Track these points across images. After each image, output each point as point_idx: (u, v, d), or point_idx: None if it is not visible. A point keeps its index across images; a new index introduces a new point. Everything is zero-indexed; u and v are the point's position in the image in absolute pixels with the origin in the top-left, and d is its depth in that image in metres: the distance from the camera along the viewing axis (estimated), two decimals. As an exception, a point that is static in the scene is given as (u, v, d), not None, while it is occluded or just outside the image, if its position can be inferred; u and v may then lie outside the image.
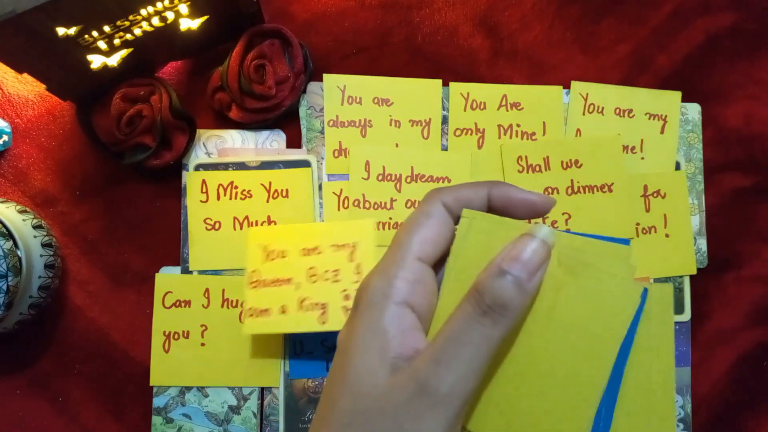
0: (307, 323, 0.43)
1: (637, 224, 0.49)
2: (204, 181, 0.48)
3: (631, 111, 0.50)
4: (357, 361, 0.24)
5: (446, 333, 0.24)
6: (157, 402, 0.46)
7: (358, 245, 0.44)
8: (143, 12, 0.40)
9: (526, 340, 0.26)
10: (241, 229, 0.47)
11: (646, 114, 0.50)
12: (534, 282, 0.24)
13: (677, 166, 0.50)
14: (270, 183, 0.48)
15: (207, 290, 0.47)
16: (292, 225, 0.46)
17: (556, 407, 0.25)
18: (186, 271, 0.47)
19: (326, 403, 0.25)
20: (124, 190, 0.48)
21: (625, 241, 0.26)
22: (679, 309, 0.48)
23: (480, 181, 0.28)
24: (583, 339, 0.25)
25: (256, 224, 0.48)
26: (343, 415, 0.24)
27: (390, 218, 0.48)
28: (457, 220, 0.27)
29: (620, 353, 0.26)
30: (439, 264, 0.27)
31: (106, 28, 0.40)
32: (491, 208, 0.28)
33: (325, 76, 0.49)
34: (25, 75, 0.41)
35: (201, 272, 0.47)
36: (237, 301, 0.47)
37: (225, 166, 0.48)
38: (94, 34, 0.39)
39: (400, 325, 0.25)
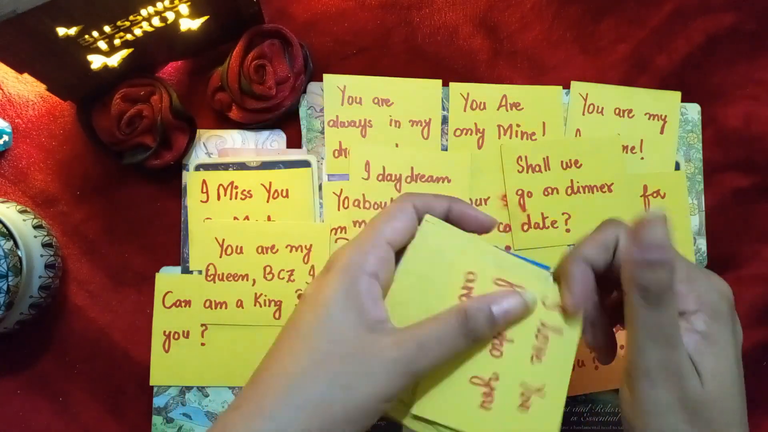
0: (263, 318, 0.47)
1: (637, 224, 0.49)
2: (204, 181, 0.48)
3: (630, 111, 0.50)
4: (336, 313, 0.29)
5: (433, 331, 0.30)
6: (157, 402, 0.46)
7: (313, 248, 0.46)
8: (143, 12, 0.40)
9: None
10: (241, 229, 0.48)
11: (645, 114, 0.50)
12: (501, 326, 0.31)
13: (677, 166, 0.50)
14: (270, 183, 0.48)
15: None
16: (249, 222, 0.47)
17: None
18: (186, 271, 0.47)
19: (294, 339, 0.30)
20: (124, 190, 0.48)
21: (546, 267, 0.33)
22: (679, 309, 0.48)
23: (444, 195, 0.34)
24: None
25: (256, 224, 0.48)
26: (317, 353, 0.29)
27: (390, 218, 0.48)
28: (420, 221, 0.33)
29: None
30: (399, 252, 0.33)
31: (107, 29, 0.40)
32: (449, 219, 0.33)
33: (325, 76, 0.49)
34: (26, 75, 0.41)
35: (201, 272, 0.47)
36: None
37: (225, 167, 0.48)
38: (95, 34, 0.40)
39: (371, 293, 0.30)
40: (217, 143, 0.49)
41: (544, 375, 0.31)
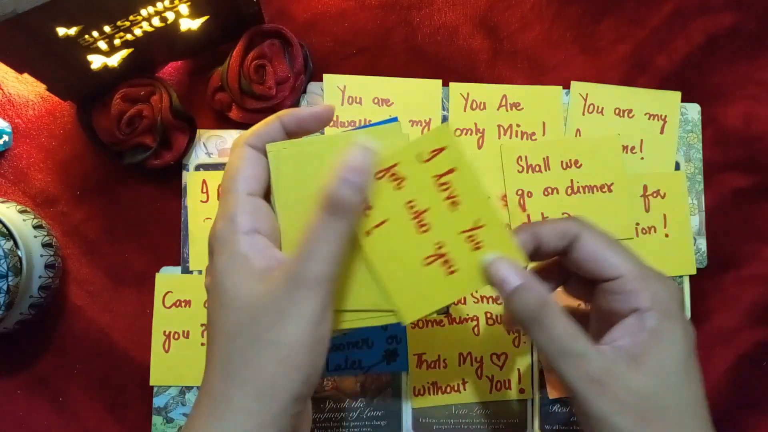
0: None
1: (637, 224, 0.49)
2: (204, 181, 0.48)
3: (630, 111, 0.50)
4: (229, 286, 0.29)
5: (308, 235, 0.29)
6: (158, 402, 0.46)
7: None
8: (143, 12, 0.40)
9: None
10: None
11: (645, 114, 0.50)
12: (363, 181, 0.30)
13: (677, 166, 0.50)
14: (270, 183, 0.48)
15: (207, 290, 0.47)
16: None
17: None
18: (186, 271, 0.47)
19: (210, 332, 0.30)
20: (124, 191, 0.48)
21: (393, 119, 0.33)
22: (679, 309, 0.48)
23: (273, 116, 0.32)
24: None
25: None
26: (230, 330, 0.29)
27: (390, 218, 0.48)
28: (266, 155, 0.32)
29: None
30: (268, 194, 0.32)
31: (107, 29, 0.40)
32: (289, 134, 0.32)
33: (325, 76, 0.49)
34: (26, 75, 0.41)
35: (201, 272, 0.47)
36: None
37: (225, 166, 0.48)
38: (95, 34, 0.39)
39: (255, 248, 0.29)
40: (217, 143, 0.49)
41: (471, 211, 0.32)
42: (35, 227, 0.45)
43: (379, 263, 0.33)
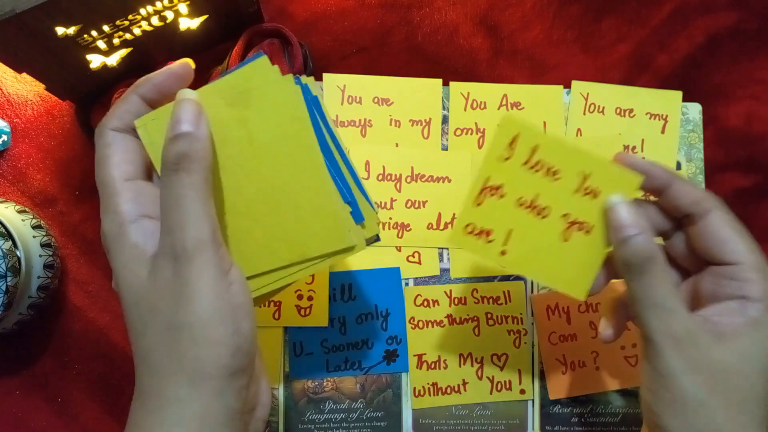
0: (262, 319, 0.44)
1: (638, 224, 0.49)
2: (203, 181, 0.47)
3: (631, 111, 0.50)
4: (126, 281, 0.28)
5: (163, 207, 0.27)
6: (157, 402, 0.46)
7: None
8: (142, 11, 0.40)
9: (246, 175, 0.30)
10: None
11: (646, 114, 0.50)
12: (196, 127, 0.28)
13: (678, 166, 0.50)
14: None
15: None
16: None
17: (304, 208, 0.30)
18: (185, 271, 0.47)
19: (128, 330, 0.29)
20: (123, 190, 0.48)
21: (258, 55, 0.30)
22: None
23: (127, 91, 0.31)
24: (288, 143, 0.30)
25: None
26: (137, 325, 0.28)
27: (390, 218, 0.48)
28: (134, 133, 0.30)
29: (325, 136, 0.31)
30: (150, 173, 0.31)
31: (106, 28, 0.40)
32: (151, 104, 0.31)
33: (325, 75, 0.49)
34: (25, 74, 0.41)
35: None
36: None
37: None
38: (94, 33, 0.39)
39: (145, 234, 0.28)
40: (217, 143, 0.48)
41: (572, 169, 0.33)
42: (34, 227, 0.45)
43: (529, 269, 0.34)
